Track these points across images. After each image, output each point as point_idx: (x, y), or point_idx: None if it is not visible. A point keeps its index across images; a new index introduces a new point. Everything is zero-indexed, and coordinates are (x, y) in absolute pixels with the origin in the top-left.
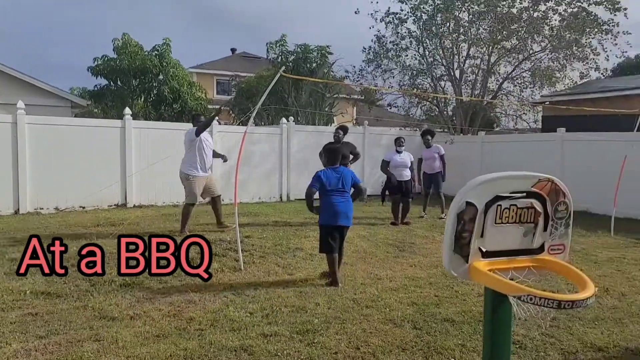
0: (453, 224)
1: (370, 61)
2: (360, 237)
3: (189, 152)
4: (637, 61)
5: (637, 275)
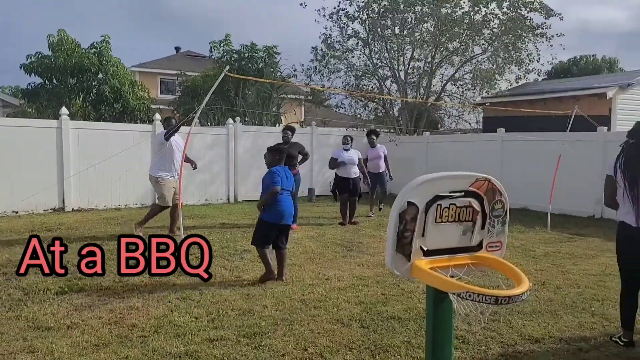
0: (395, 223)
1: (317, 61)
2: (309, 238)
3: (158, 154)
4: (569, 64)
5: (571, 269)
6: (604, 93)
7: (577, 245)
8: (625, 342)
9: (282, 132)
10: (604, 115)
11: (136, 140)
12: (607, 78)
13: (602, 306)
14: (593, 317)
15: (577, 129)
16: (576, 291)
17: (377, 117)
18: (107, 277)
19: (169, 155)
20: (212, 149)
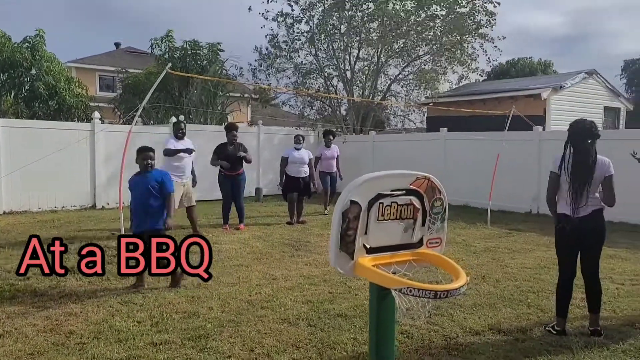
0: (338, 222)
1: (263, 60)
2: (256, 238)
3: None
4: (508, 66)
5: (509, 263)
6: (539, 94)
7: (515, 240)
8: (558, 330)
9: (228, 133)
10: (539, 115)
11: (74, 139)
12: (542, 80)
13: (538, 298)
14: (529, 309)
15: (515, 129)
16: (514, 284)
17: (323, 116)
18: (42, 282)
19: (175, 159)
20: (155, 147)
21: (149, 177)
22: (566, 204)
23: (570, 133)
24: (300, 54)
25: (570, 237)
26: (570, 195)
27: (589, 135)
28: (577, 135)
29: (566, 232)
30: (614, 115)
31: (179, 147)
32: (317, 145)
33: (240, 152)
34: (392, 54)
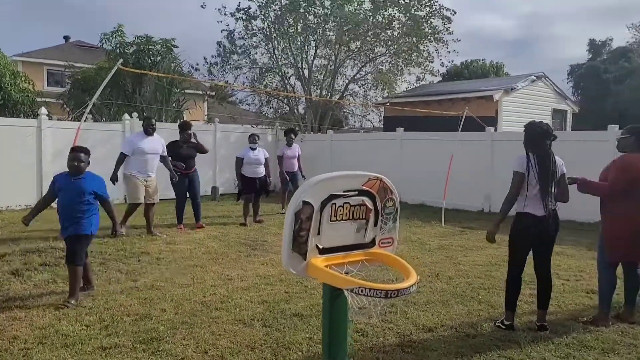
0: (291, 223)
1: (219, 57)
2: (212, 238)
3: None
4: (462, 68)
5: (462, 260)
6: (491, 96)
7: (467, 238)
8: (507, 325)
9: (182, 132)
10: (492, 116)
11: (19, 136)
12: (494, 82)
13: (488, 294)
14: (480, 305)
15: (468, 129)
16: (466, 281)
17: (281, 114)
18: None
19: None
20: (106, 146)
21: (82, 182)
22: (535, 204)
23: (531, 134)
24: (258, 52)
25: (533, 236)
26: (541, 195)
27: (548, 136)
28: (539, 137)
29: (531, 231)
30: (561, 118)
31: (141, 146)
32: (275, 144)
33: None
34: (350, 54)
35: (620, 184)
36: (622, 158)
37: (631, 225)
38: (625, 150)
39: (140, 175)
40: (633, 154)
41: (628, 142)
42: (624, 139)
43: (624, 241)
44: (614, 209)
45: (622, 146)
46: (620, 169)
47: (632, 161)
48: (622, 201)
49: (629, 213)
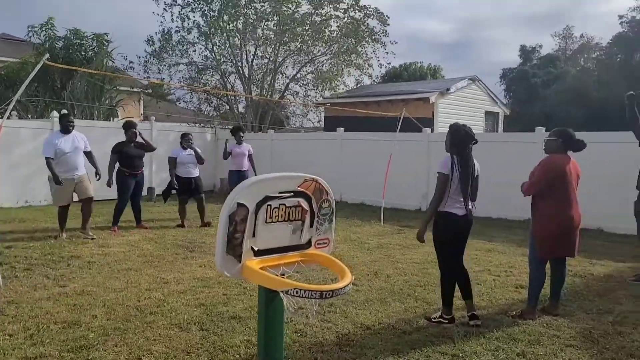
0: (225, 225)
1: (155, 53)
2: (147, 240)
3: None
4: (400, 70)
5: (400, 259)
6: (428, 98)
7: (405, 236)
8: (448, 318)
9: (128, 131)
10: (428, 117)
11: None
12: (430, 84)
13: (424, 291)
14: (416, 302)
15: (406, 130)
16: (403, 279)
17: (221, 113)
18: None
19: (59, 154)
20: (33, 144)
21: None
22: (456, 204)
23: (455, 137)
24: (196, 49)
25: (455, 233)
26: (462, 195)
27: (470, 139)
28: (462, 140)
29: (453, 229)
30: (493, 119)
31: (61, 145)
32: (214, 143)
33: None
34: (290, 53)
35: (541, 183)
36: (547, 159)
37: (558, 223)
38: (551, 151)
39: (68, 175)
40: (558, 154)
41: (554, 144)
42: (550, 141)
43: (552, 238)
44: (542, 207)
45: (548, 148)
46: (544, 169)
47: (555, 162)
48: (550, 200)
49: (555, 211)
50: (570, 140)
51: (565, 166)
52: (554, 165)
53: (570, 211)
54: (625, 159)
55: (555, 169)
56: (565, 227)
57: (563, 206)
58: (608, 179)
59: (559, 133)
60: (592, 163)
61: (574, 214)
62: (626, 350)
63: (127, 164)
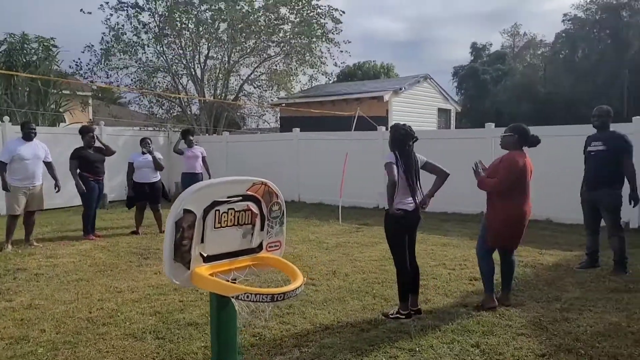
0: (172, 232)
1: (104, 56)
2: (99, 249)
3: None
4: (354, 69)
5: (358, 257)
6: (382, 96)
7: (363, 234)
8: (405, 314)
9: (86, 136)
10: (383, 116)
11: None
12: (384, 83)
13: (382, 288)
14: (374, 299)
15: (362, 129)
16: (361, 277)
17: (174, 116)
18: None
19: (15, 162)
20: None
21: None
22: (404, 199)
23: (396, 136)
24: (146, 50)
25: (405, 228)
26: (410, 190)
27: (410, 137)
28: (402, 138)
29: (403, 223)
30: (446, 116)
31: (21, 152)
32: (168, 146)
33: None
34: (243, 53)
35: (508, 182)
36: (509, 158)
37: (513, 217)
38: (508, 147)
39: (23, 184)
40: (516, 152)
41: (511, 140)
42: (506, 137)
43: (505, 231)
44: (500, 202)
45: (505, 143)
46: (507, 169)
47: (517, 160)
48: (508, 195)
49: (512, 206)
50: (525, 136)
51: (524, 164)
52: (516, 164)
53: (524, 206)
54: (572, 151)
55: (518, 168)
56: (518, 221)
57: (519, 202)
58: (556, 171)
59: (515, 129)
60: (541, 156)
61: (527, 208)
62: (572, 336)
63: (88, 170)
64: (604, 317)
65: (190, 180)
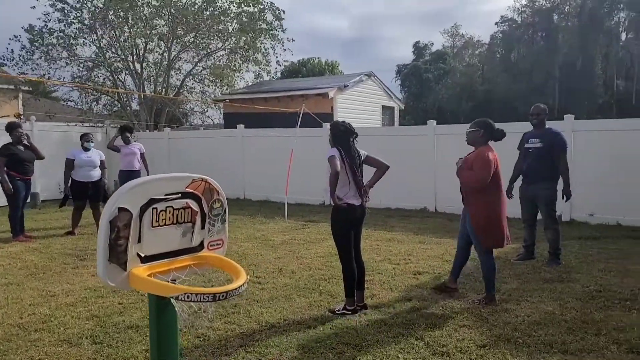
0: (106, 232)
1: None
2: (31, 251)
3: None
4: (299, 65)
5: (304, 254)
6: (327, 93)
7: (310, 231)
8: (351, 309)
9: (14, 131)
10: (328, 112)
11: None
12: (329, 80)
13: (328, 284)
14: (321, 296)
15: (307, 125)
16: (308, 274)
17: (113, 111)
18: None
19: None
20: None
21: None
22: (350, 195)
23: (337, 133)
24: (80, 42)
25: (352, 223)
26: (355, 186)
27: (350, 133)
28: (343, 134)
29: (350, 219)
30: (390, 114)
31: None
32: (105, 143)
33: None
34: (184, 47)
35: (487, 179)
36: (482, 155)
37: (498, 212)
38: (474, 143)
39: None
40: (485, 147)
41: (477, 135)
42: (472, 132)
43: (495, 227)
44: (481, 200)
45: (471, 139)
46: (486, 165)
47: (491, 154)
48: (488, 192)
49: (494, 202)
50: (491, 131)
51: (495, 158)
52: (492, 159)
53: (503, 198)
54: (512, 148)
55: (494, 162)
56: (503, 215)
57: (499, 196)
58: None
59: (480, 124)
60: None
61: (505, 200)
62: (511, 326)
63: (17, 169)
64: (539, 307)
65: (127, 178)
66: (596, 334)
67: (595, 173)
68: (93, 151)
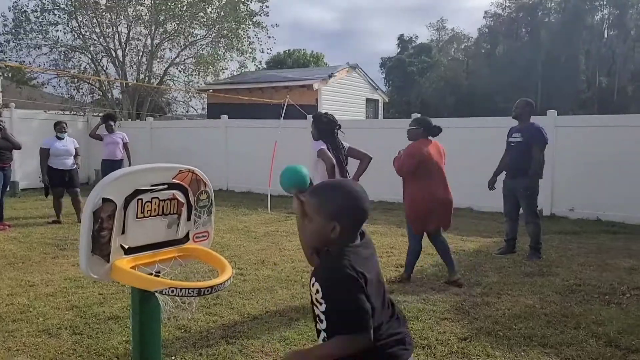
0: (89, 223)
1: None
2: (10, 240)
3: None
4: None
5: (287, 246)
6: (312, 84)
7: (293, 223)
8: None
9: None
10: (312, 104)
11: None
12: (314, 71)
13: None
14: (303, 288)
15: (291, 117)
16: (290, 265)
17: (94, 99)
18: None
19: None
20: None
21: None
22: None
23: (321, 125)
24: (60, 29)
25: None
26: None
27: (335, 124)
28: (327, 126)
29: None
30: (374, 106)
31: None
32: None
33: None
34: (167, 36)
35: (406, 168)
36: (412, 146)
37: (426, 201)
38: (414, 139)
39: None
40: (421, 140)
41: (417, 132)
42: (412, 130)
43: (421, 215)
44: (411, 188)
45: (412, 136)
46: (407, 156)
47: (418, 147)
48: (417, 181)
49: (422, 191)
50: (429, 128)
51: (428, 150)
52: (416, 150)
53: (435, 189)
54: (494, 142)
55: (419, 153)
56: (431, 204)
57: (429, 186)
58: (477, 161)
59: (420, 122)
60: (463, 146)
61: (438, 190)
62: (492, 319)
63: None
64: (520, 300)
65: (110, 168)
66: (575, 328)
67: (577, 168)
68: (67, 139)
